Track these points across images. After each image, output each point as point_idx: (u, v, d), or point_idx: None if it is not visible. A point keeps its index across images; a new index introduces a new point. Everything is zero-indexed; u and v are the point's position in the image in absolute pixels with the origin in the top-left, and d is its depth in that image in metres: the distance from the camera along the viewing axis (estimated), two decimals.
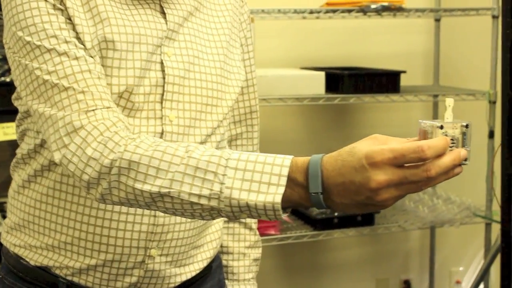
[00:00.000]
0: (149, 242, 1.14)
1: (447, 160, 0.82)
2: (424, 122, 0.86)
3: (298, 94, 2.54)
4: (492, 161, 2.66)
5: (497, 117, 2.59)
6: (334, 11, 2.57)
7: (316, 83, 2.58)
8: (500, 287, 1.98)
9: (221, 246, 1.38)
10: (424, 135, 0.85)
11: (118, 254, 1.14)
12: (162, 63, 1.14)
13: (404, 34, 3.13)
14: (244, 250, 1.39)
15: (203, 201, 0.91)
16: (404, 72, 2.72)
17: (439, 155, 0.82)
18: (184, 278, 1.22)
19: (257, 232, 1.41)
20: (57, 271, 1.17)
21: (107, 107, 1.05)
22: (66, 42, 1.08)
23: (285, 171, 0.87)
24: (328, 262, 3.20)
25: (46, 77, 1.06)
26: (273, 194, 0.87)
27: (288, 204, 0.88)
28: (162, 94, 1.14)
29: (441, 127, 0.85)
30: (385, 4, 2.56)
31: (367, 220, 2.69)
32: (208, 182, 0.91)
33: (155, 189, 0.94)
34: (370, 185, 0.82)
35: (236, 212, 0.91)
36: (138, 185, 0.95)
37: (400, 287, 3.32)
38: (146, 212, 1.12)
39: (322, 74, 2.60)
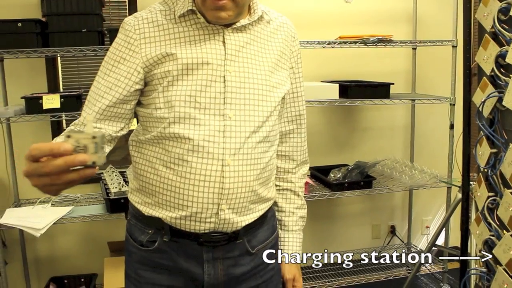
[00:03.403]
0: (220, 200, 1.17)
1: (59, 160, 0.80)
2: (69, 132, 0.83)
3: (320, 99, 2.66)
4: (453, 144, 2.81)
5: (456, 115, 2.71)
6: (344, 42, 2.70)
7: (332, 91, 2.70)
8: (461, 227, 1.94)
9: (277, 206, 1.41)
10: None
11: (199, 208, 1.18)
12: (225, 77, 1.17)
13: (392, 58, 3.21)
14: (293, 209, 1.41)
15: None
16: (393, 84, 2.83)
17: (55, 156, 0.81)
18: (245, 223, 1.24)
19: (303, 198, 1.44)
20: (162, 219, 1.22)
21: (82, 123, 1.18)
22: (109, 75, 1.17)
23: None
24: (340, 213, 3.33)
25: (90, 92, 1.20)
26: None
27: None
28: (224, 99, 1.17)
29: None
30: (380, 37, 2.70)
31: (367, 184, 2.77)
32: None
33: None
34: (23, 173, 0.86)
35: None
36: None
37: (388, 230, 3.44)
38: (217, 179, 1.16)
39: (336, 85, 2.73)
